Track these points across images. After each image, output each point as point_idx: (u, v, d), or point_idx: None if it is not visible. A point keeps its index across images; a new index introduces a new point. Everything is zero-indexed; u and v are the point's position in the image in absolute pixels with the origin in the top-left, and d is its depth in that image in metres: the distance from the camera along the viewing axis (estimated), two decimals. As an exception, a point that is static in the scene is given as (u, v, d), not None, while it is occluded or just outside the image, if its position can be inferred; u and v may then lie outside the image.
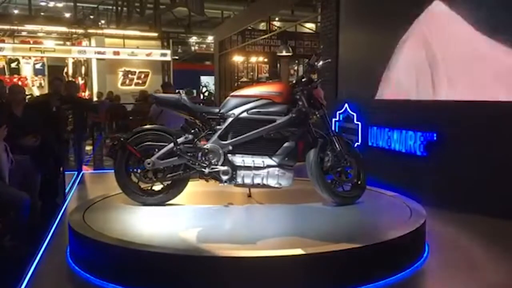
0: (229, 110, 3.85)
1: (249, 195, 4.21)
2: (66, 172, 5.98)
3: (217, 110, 3.89)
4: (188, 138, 3.84)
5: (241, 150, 3.81)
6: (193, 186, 4.23)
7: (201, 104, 4.19)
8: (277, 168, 3.75)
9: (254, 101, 3.83)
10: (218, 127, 3.85)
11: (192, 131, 3.87)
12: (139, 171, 3.90)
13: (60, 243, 3.72)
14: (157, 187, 4.00)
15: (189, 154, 3.82)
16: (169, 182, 3.96)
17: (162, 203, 3.97)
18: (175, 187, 3.97)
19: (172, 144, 3.80)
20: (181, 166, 3.86)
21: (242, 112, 3.82)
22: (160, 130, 3.96)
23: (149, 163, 3.81)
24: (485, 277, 3.25)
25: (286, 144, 3.78)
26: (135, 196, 3.98)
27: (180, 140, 3.84)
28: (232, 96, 3.97)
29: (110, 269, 3.01)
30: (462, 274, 3.28)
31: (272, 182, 3.76)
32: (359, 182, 4.03)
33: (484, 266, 3.43)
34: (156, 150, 3.85)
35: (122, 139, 3.91)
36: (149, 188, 4.01)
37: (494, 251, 3.71)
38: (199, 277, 2.79)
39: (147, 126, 4.15)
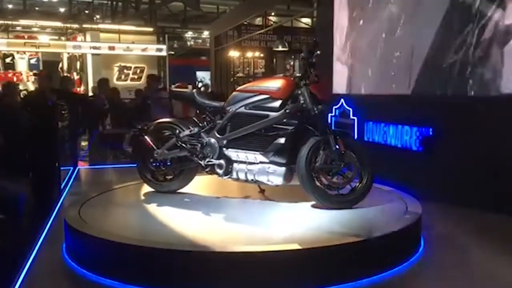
0: (231, 105, 3.90)
1: (260, 190, 4.12)
2: (61, 168, 5.96)
3: (221, 104, 3.98)
4: (193, 131, 4.01)
5: (236, 145, 3.83)
6: (200, 179, 4.34)
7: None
8: (268, 165, 3.71)
9: (253, 96, 3.83)
10: (218, 121, 3.95)
11: (201, 124, 4.05)
12: (151, 160, 4.13)
13: (56, 239, 3.71)
14: (169, 176, 4.23)
15: (189, 146, 3.98)
16: (176, 172, 4.16)
17: (170, 191, 4.18)
18: (182, 177, 4.16)
19: None
20: (183, 157, 4.03)
21: (241, 107, 3.85)
22: (174, 123, 4.18)
23: (157, 153, 4.06)
24: (480, 272, 3.26)
25: (276, 141, 3.68)
26: (149, 183, 4.25)
27: (185, 133, 4.02)
28: (237, 91, 4.02)
29: (107, 265, 3.01)
30: (457, 269, 3.29)
31: (263, 178, 3.74)
32: (359, 186, 3.73)
33: (480, 261, 3.44)
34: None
35: (141, 130, 4.21)
36: (163, 176, 4.24)
37: (489, 246, 3.72)
38: (196, 273, 2.79)
39: (164, 119, 4.34)
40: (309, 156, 3.62)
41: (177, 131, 4.08)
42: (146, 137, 4.16)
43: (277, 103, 3.72)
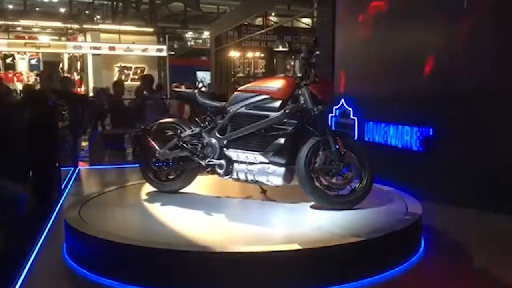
0: (232, 105, 3.90)
1: (262, 191, 4.07)
2: (62, 168, 5.96)
3: (222, 104, 3.98)
4: (194, 131, 4.03)
5: (236, 145, 3.83)
6: (202, 179, 4.35)
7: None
8: (268, 165, 3.69)
9: (254, 96, 3.82)
10: (219, 121, 3.95)
11: (202, 124, 4.06)
12: (153, 160, 4.15)
13: (56, 239, 3.71)
14: (171, 175, 4.25)
15: (190, 146, 4.00)
16: (178, 172, 4.18)
17: (172, 191, 4.20)
18: (184, 177, 4.17)
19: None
20: (185, 158, 4.05)
21: (241, 107, 3.84)
22: (176, 123, 4.21)
23: (158, 153, 4.09)
24: (480, 273, 3.26)
25: (276, 141, 3.65)
26: (152, 183, 4.28)
27: (186, 133, 4.05)
28: (238, 91, 4.01)
29: (107, 265, 3.01)
30: (457, 269, 3.29)
31: (262, 179, 3.71)
32: (359, 186, 3.67)
33: (480, 261, 3.44)
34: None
35: (144, 130, 4.25)
36: (165, 176, 4.27)
37: (489, 246, 3.72)
38: (196, 273, 2.79)
39: (167, 119, 4.36)
40: (308, 156, 3.58)
41: (179, 131, 4.09)
42: (148, 137, 4.18)
43: (277, 103, 3.70)
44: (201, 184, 4.39)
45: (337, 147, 3.62)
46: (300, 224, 3.38)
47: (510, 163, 4.55)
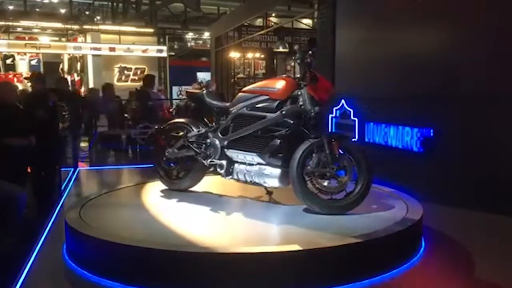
0: (235, 106, 3.93)
1: (267, 192, 4.00)
2: (62, 169, 5.96)
3: (226, 105, 4.02)
4: (200, 131, 4.10)
5: (236, 146, 3.84)
6: (207, 179, 4.38)
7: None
8: (265, 167, 3.67)
9: (255, 97, 3.82)
10: (222, 122, 3.99)
11: (210, 124, 4.14)
12: (164, 158, 4.26)
13: (56, 240, 3.71)
14: (181, 174, 4.32)
15: (195, 146, 4.07)
16: (186, 171, 4.25)
17: (181, 189, 4.27)
18: (192, 176, 4.24)
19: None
20: (190, 157, 4.12)
21: (242, 108, 3.86)
22: (185, 123, 4.28)
23: (167, 153, 4.20)
24: (481, 273, 3.26)
25: (272, 142, 3.62)
26: (162, 180, 4.39)
27: (192, 133, 4.13)
28: (242, 91, 4.04)
29: (107, 266, 3.01)
30: (458, 270, 3.29)
31: (260, 180, 3.70)
32: (354, 191, 3.55)
33: (480, 262, 3.43)
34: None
35: (157, 130, 4.38)
36: (175, 174, 4.34)
37: (490, 247, 3.72)
38: (195, 274, 2.79)
39: (179, 119, 4.46)
40: (301, 159, 3.49)
41: (186, 131, 4.17)
42: (158, 137, 4.30)
43: (274, 104, 3.68)
44: (205, 184, 4.39)
45: (332, 149, 3.50)
46: (301, 225, 3.37)
47: (510, 163, 4.55)
